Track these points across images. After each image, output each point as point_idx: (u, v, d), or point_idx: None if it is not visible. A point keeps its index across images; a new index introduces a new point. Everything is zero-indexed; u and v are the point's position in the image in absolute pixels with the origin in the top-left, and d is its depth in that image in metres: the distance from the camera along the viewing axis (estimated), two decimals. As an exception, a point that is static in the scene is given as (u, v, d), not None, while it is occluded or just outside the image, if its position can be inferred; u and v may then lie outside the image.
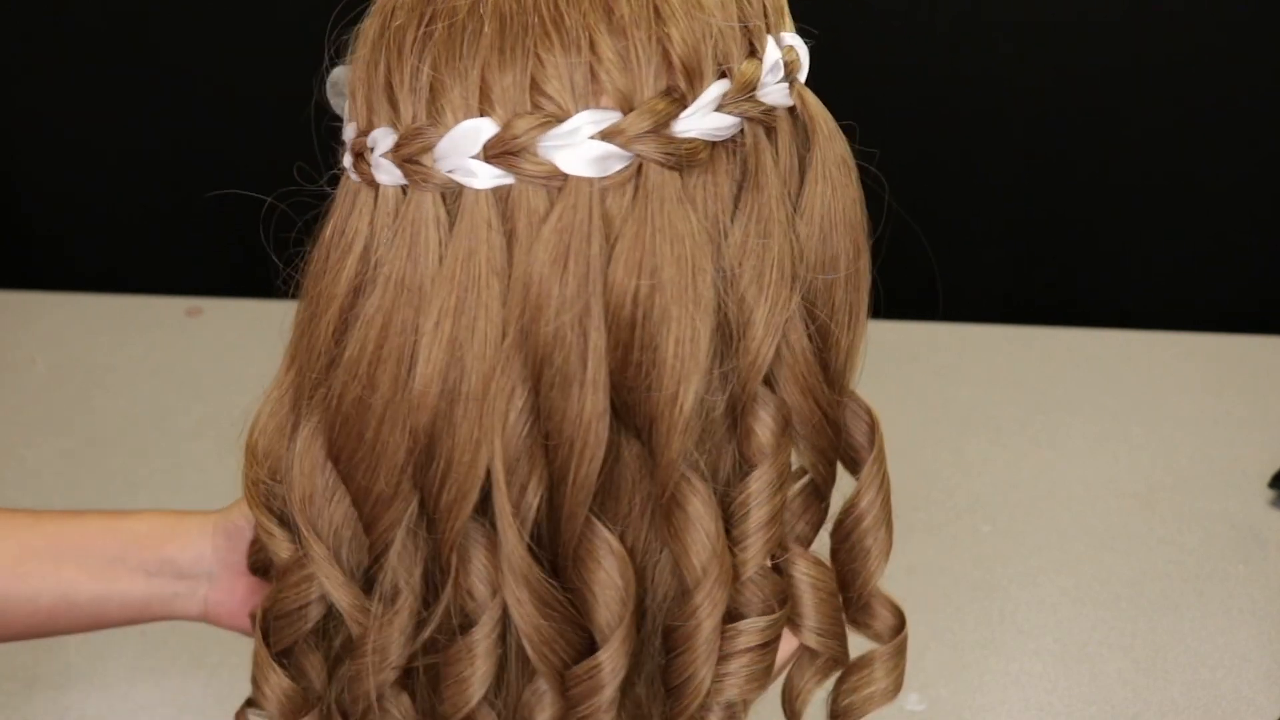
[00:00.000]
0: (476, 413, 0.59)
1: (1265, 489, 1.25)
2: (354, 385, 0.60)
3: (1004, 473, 1.27)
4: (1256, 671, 1.05)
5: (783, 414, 0.62)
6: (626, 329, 0.57)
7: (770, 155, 0.60)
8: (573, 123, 0.56)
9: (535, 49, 0.56)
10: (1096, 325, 1.51)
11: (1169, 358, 1.45)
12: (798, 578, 0.67)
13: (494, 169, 0.57)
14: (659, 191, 0.57)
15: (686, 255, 0.57)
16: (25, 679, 1.03)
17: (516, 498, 0.59)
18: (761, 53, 0.60)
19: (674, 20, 0.57)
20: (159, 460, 1.32)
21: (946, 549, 1.18)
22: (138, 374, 1.43)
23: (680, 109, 0.57)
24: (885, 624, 0.72)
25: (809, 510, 0.67)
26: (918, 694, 1.03)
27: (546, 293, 0.57)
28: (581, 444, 0.58)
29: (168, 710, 1.01)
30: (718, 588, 0.61)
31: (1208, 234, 1.60)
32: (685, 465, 0.60)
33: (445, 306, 0.58)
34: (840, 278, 0.63)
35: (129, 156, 1.65)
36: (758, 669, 0.64)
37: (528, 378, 0.58)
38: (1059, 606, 1.12)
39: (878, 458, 0.68)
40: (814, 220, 0.62)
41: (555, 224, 0.57)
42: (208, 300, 1.55)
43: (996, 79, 1.53)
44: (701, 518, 0.60)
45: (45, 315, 1.54)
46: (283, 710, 0.70)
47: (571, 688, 0.62)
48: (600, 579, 0.61)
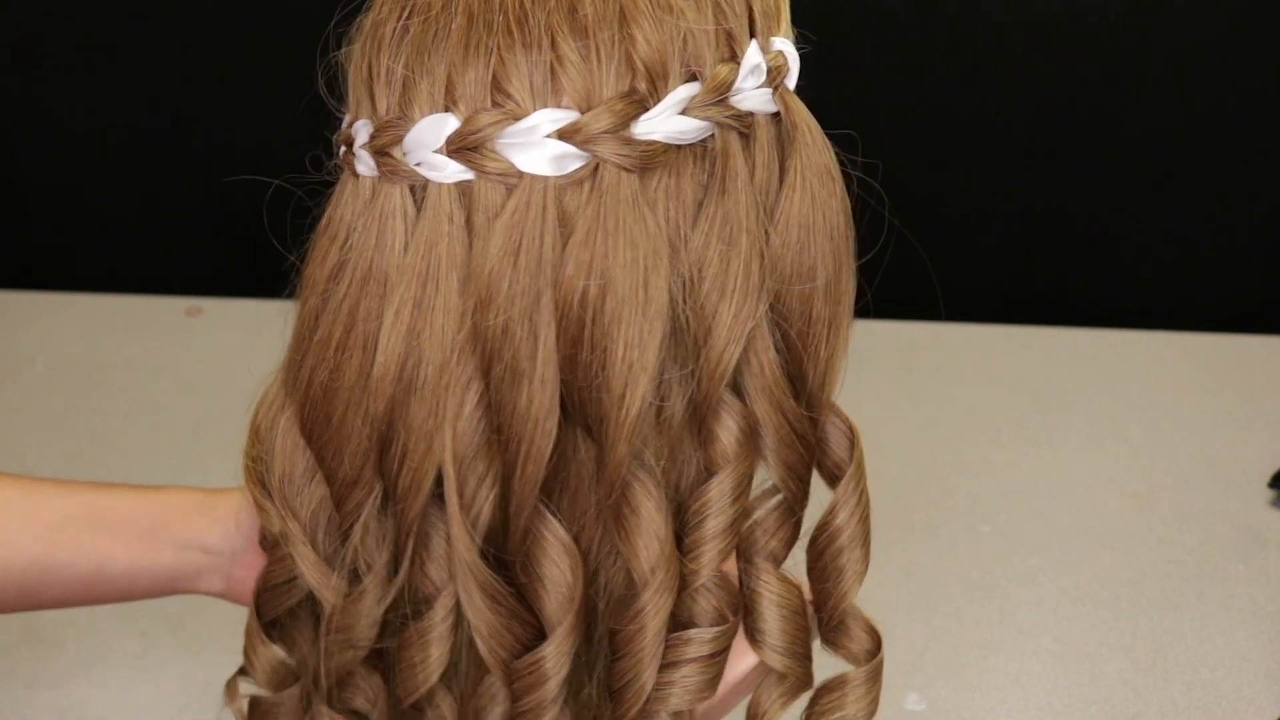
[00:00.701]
0: (431, 403, 0.59)
1: (1265, 489, 1.25)
2: (322, 370, 0.62)
3: (1004, 473, 1.28)
4: (1256, 671, 1.05)
5: (748, 422, 0.62)
6: (576, 328, 0.57)
7: (743, 161, 0.60)
8: (530, 120, 0.57)
9: (498, 47, 0.57)
10: (1096, 325, 1.51)
11: (1169, 358, 1.45)
12: (763, 595, 0.66)
13: (455, 164, 0.57)
14: (614, 192, 0.57)
15: (640, 258, 0.57)
16: (25, 679, 1.03)
17: (470, 491, 0.60)
18: (740, 57, 0.60)
19: (638, 21, 0.57)
20: (159, 460, 1.32)
21: (946, 549, 1.18)
22: (138, 374, 1.43)
23: (640, 111, 0.57)
24: (861, 646, 0.71)
25: (781, 528, 0.66)
26: (918, 694, 1.03)
27: (496, 286, 0.57)
28: (530, 439, 0.59)
29: (168, 710, 1.01)
30: (663, 592, 0.61)
31: (1208, 234, 1.60)
32: (637, 467, 0.60)
33: (405, 297, 0.59)
34: (818, 289, 0.62)
35: (129, 156, 1.65)
36: (704, 679, 0.64)
37: (479, 371, 0.59)
38: (1059, 606, 1.12)
39: (856, 473, 0.67)
40: (790, 230, 0.61)
41: (508, 219, 0.57)
42: (208, 300, 1.55)
43: (996, 78, 1.53)
44: (652, 520, 0.60)
45: (45, 315, 1.54)
46: (269, 680, 0.72)
47: (515, 680, 0.62)
48: (548, 572, 0.61)
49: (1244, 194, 1.58)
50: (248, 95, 1.60)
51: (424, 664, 0.64)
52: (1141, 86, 1.53)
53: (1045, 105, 1.55)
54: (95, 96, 1.62)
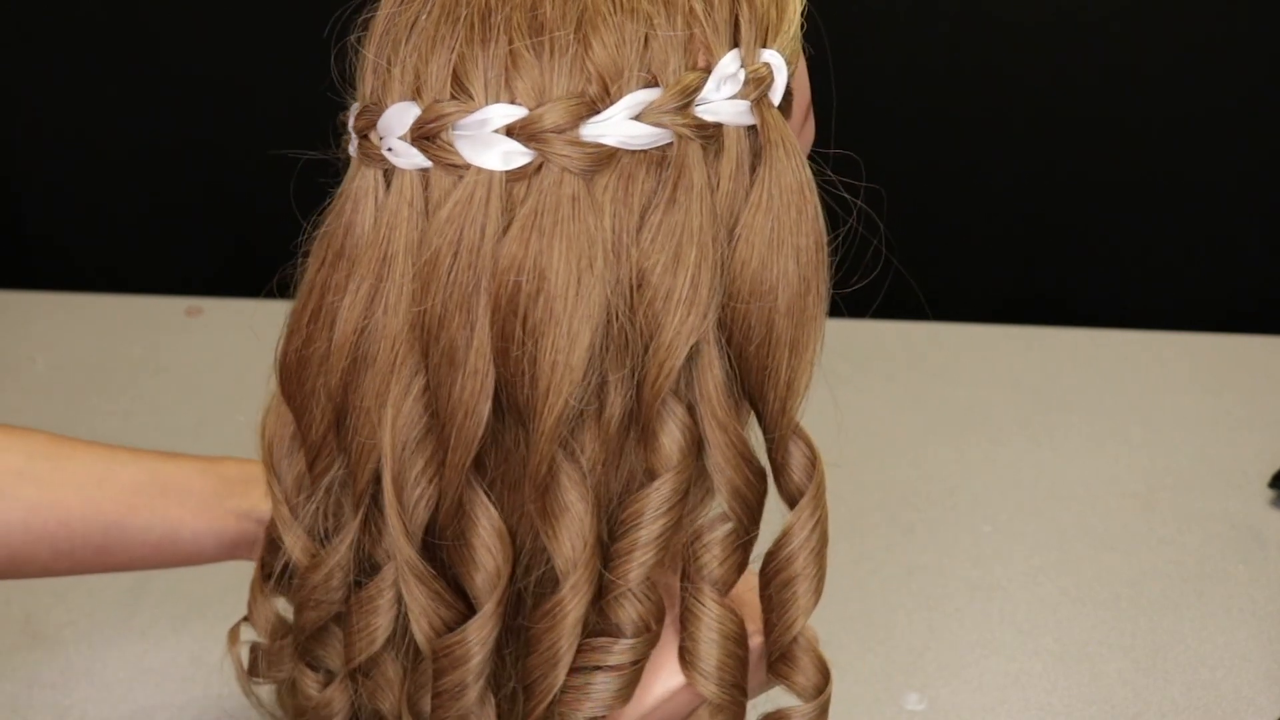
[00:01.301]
0: (379, 383, 0.62)
1: (1265, 489, 1.25)
2: (296, 338, 0.65)
3: (1004, 473, 1.28)
4: (1256, 671, 1.05)
5: (692, 432, 0.62)
6: (509, 321, 0.59)
7: (700, 173, 0.59)
8: (481, 114, 0.58)
9: (461, 40, 0.58)
10: (1096, 325, 1.51)
11: (1169, 358, 1.45)
12: (701, 618, 0.65)
13: (415, 151, 0.59)
14: (556, 191, 0.58)
15: (575, 259, 0.58)
16: (25, 679, 1.03)
17: (408, 474, 0.62)
18: (711, 66, 0.59)
19: (596, 23, 0.58)
20: (159, 460, 1.32)
21: (947, 549, 1.18)
22: (138, 374, 1.43)
23: (590, 113, 0.58)
24: (808, 679, 0.69)
25: (730, 556, 0.65)
26: (918, 694, 1.03)
27: (436, 273, 0.59)
28: (460, 425, 0.60)
29: (168, 711, 1.01)
30: (580, 588, 0.62)
31: (1208, 234, 1.60)
32: (569, 464, 0.61)
33: (365, 275, 0.61)
34: (778, 307, 0.61)
35: (129, 156, 1.65)
36: (617, 687, 0.65)
37: (421, 354, 0.60)
38: (1059, 606, 1.12)
39: (814, 499, 0.66)
40: (751, 246, 0.61)
41: (450, 209, 0.59)
42: (208, 300, 1.55)
43: (995, 78, 1.53)
44: (579, 517, 0.61)
45: (45, 315, 1.54)
46: (268, 630, 0.76)
47: (439, 658, 0.64)
48: (480, 555, 0.63)
49: (1244, 194, 1.58)
50: (248, 95, 1.60)
51: (367, 630, 0.67)
52: (1141, 86, 1.53)
53: (1045, 105, 1.55)
54: (95, 96, 1.62)
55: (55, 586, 1.11)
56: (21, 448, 0.78)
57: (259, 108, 1.59)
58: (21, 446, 0.78)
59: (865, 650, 1.07)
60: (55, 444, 0.79)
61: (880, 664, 1.05)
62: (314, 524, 0.68)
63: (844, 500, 1.22)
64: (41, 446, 0.78)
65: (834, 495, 0.65)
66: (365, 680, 0.69)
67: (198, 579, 1.12)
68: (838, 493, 1.30)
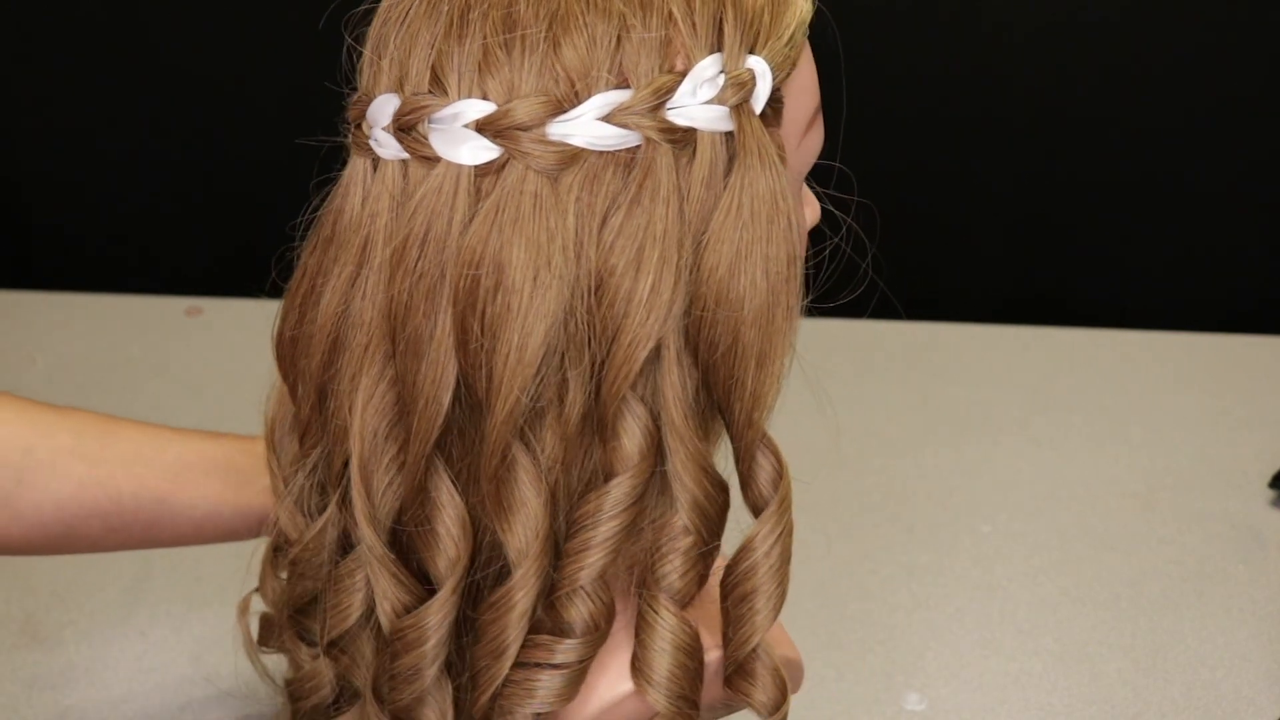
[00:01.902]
0: (353, 368, 0.63)
1: (1265, 489, 1.25)
2: (290, 317, 0.66)
3: (1004, 473, 1.28)
4: (1256, 671, 1.05)
5: (652, 434, 0.62)
6: (468, 314, 0.59)
7: (670, 176, 0.59)
8: (453, 108, 0.59)
9: (440, 35, 0.59)
10: (1096, 325, 1.51)
11: (1169, 358, 1.45)
12: (655, 627, 0.65)
13: (395, 142, 0.60)
14: (519, 188, 0.59)
15: (533, 257, 0.58)
16: (25, 679, 1.03)
17: (376, 461, 0.63)
18: (688, 69, 0.59)
19: (567, 23, 0.58)
20: (159, 460, 1.32)
21: (946, 549, 1.18)
22: (138, 374, 1.43)
23: (557, 112, 0.58)
24: (766, 694, 0.67)
25: (691, 569, 0.65)
26: (918, 694, 1.03)
27: (403, 261, 0.60)
28: (421, 412, 0.61)
29: (168, 711, 1.01)
30: (528, 581, 0.63)
31: (1208, 234, 1.60)
32: (526, 457, 0.62)
33: (347, 261, 0.63)
34: (745, 318, 0.61)
35: (129, 156, 1.65)
36: (562, 684, 0.65)
37: (387, 338, 0.62)
38: (1059, 606, 1.12)
39: (778, 511, 0.65)
40: (719, 253, 0.60)
41: (418, 200, 0.60)
42: (208, 300, 1.55)
43: (995, 79, 1.53)
44: (533, 510, 0.62)
45: (45, 315, 1.54)
46: (276, 603, 0.78)
47: (397, 639, 0.65)
48: (442, 540, 0.64)
49: (1244, 194, 1.58)
50: (249, 95, 1.60)
51: (340, 608, 0.68)
52: (1142, 87, 1.53)
53: (1045, 105, 1.55)
54: (96, 96, 1.62)
55: (55, 586, 1.11)
56: (71, 426, 0.80)
57: (260, 108, 1.59)
58: (71, 425, 0.80)
59: (865, 650, 1.07)
60: (103, 423, 0.82)
61: (880, 664, 1.05)
62: (304, 500, 0.70)
63: (844, 500, 1.22)
64: (90, 425, 0.81)
65: (834, 495, 0.65)
66: (342, 655, 0.71)
67: (197, 579, 1.12)
68: (838, 493, 1.31)
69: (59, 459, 0.78)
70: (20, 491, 0.77)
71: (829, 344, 1.42)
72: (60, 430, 0.79)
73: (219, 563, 1.10)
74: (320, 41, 0.73)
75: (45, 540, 0.80)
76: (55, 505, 0.78)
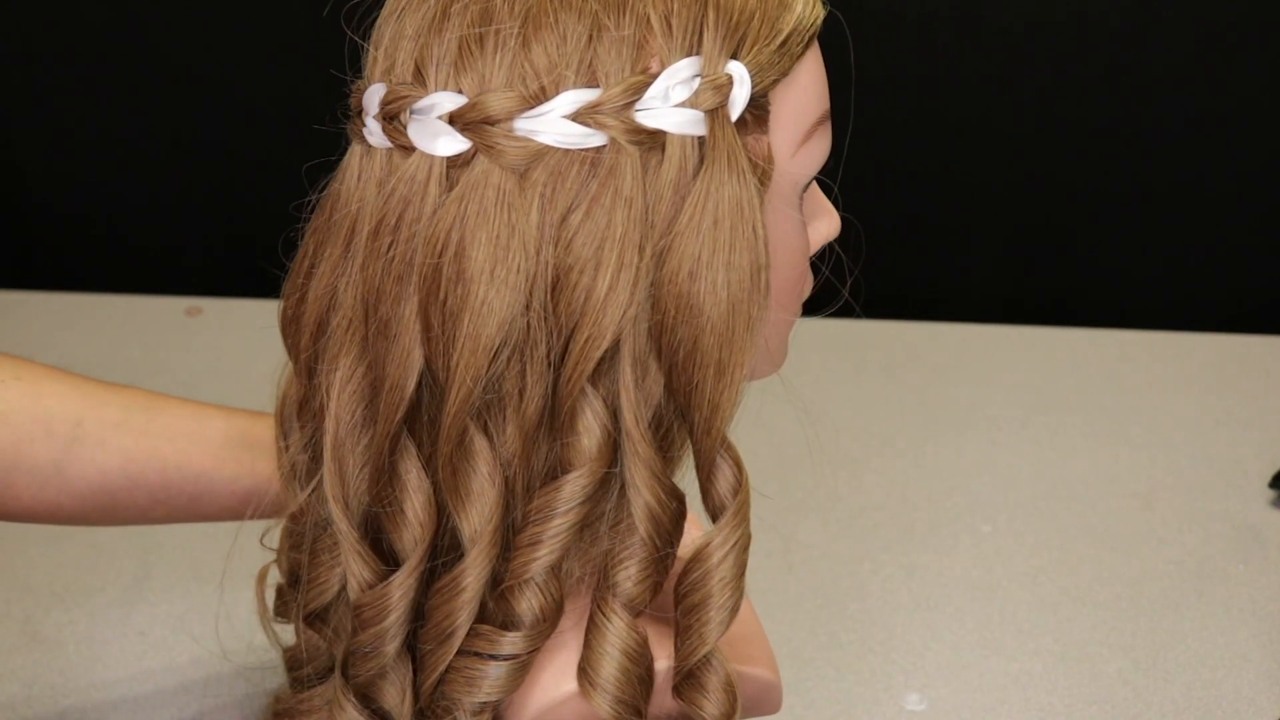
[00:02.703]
0: (333, 348, 0.65)
1: (1265, 489, 1.25)
2: (293, 294, 0.68)
3: (1004, 473, 1.28)
4: (1256, 671, 1.05)
5: (610, 433, 0.62)
6: (431, 302, 0.61)
7: (635, 178, 0.59)
8: (429, 100, 0.60)
9: (424, 28, 0.61)
10: (1096, 325, 1.51)
11: (1169, 358, 1.45)
12: (605, 631, 0.65)
13: (380, 130, 0.62)
14: (484, 181, 0.60)
15: (493, 250, 0.59)
16: (25, 679, 1.04)
17: (349, 448, 0.65)
18: (659, 72, 0.59)
19: (539, 20, 0.59)
20: (159, 460, 1.32)
21: (946, 549, 1.18)
22: (138, 374, 1.43)
23: (525, 108, 0.59)
24: (716, 706, 0.67)
25: (646, 576, 0.65)
26: (918, 694, 1.03)
27: (377, 247, 0.62)
28: (386, 396, 0.63)
29: (168, 711, 1.01)
30: (476, 565, 0.64)
31: (1208, 234, 1.60)
32: (484, 443, 0.62)
33: (337, 243, 0.64)
34: (704, 326, 0.61)
35: (129, 156, 1.65)
36: (506, 675, 0.66)
37: (364, 322, 0.63)
38: (1059, 606, 1.12)
39: (735, 518, 0.64)
40: (680, 259, 0.60)
41: (393, 186, 0.61)
42: (208, 300, 1.55)
43: (995, 80, 1.53)
44: (486, 497, 0.63)
45: (45, 315, 1.54)
46: (286, 573, 0.80)
47: (360, 613, 0.66)
48: (408, 516, 0.65)
49: (1244, 194, 1.58)
50: (250, 95, 1.59)
51: (318, 582, 0.70)
52: (1142, 87, 1.53)
53: (1046, 106, 1.55)
54: (96, 96, 1.62)
55: (55, 586, 1.11)
56: (118, 401, 0.82)
57: (260, 107, 1.59)
58: (118, 400, 0.82)
59: (865, 650, 1.07)
60: (149, 398, 0.83)
61: (880, 664, 1.05)
62: (299, 473, 0.71)
63: (844, 500, 1.22)
64: (137, 400, 0.83)
65: (834, 495, 0.65)
66: (324, 628, 0.72)
67: (197, 579, 1.12)
68: (838, 492, 1.31)
69: (107, 432, 0.80)
70: (68, 461, 0.79)
71: (830, 343, 1.42)
72: (109, 404, 0.81)
73: (219, 563, 1.10)
74: (324, 43, 0.73)
75: (92, 510, 0.81)
76: (102, 476, 0.80)
